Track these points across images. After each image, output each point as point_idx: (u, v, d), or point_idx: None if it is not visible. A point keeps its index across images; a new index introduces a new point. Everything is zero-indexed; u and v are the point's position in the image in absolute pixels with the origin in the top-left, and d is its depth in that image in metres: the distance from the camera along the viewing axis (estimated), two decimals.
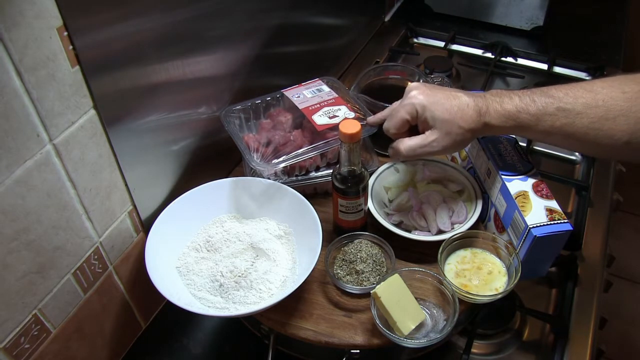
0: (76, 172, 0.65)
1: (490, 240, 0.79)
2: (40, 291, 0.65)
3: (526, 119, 0.72)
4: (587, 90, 0.70)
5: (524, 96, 0.72)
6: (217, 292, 0.74)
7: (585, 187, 1.04)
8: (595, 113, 0.69)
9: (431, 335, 0.71)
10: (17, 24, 0.53)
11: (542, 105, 0.71)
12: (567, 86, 0.72)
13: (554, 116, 0.70)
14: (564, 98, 0.70)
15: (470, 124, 0.73)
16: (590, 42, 1.44)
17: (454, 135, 0.74)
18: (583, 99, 0.70)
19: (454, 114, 0.73)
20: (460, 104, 0.73)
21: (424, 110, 0.74)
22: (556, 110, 0.70)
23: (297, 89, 0.93)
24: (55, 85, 0.59)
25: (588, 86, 0.71)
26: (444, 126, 0.73)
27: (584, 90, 0.70)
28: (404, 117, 0.76)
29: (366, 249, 0.79)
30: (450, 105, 0.73)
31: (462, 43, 1.45)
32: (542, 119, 0.71)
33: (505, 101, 0.73)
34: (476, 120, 0.73)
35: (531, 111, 0.71)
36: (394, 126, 0.78)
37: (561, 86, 0.72)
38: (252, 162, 0.82)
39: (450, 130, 0.73)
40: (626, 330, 1.80)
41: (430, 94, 0.75)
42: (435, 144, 0.74)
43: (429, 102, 0.74)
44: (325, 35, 1.22)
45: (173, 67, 0.77)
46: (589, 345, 0.82)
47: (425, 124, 0.76)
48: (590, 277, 0.92)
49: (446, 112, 0.73)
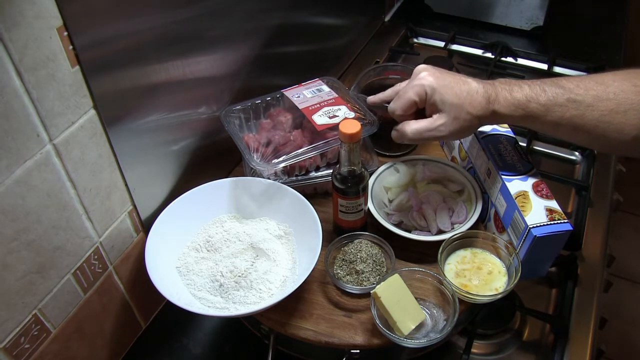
0: (76, 172, 0.65)
1: (490, 240, 0.79)
2: (40, 291, 0.65)
3: (535, 109, 0.71)
4: (598, 83, 0.69)
5: (534, 86, 0.72)
6: (217, 292, 0.74)
7: (585, 187, 1.04)
8: (606, 106, 0.68)
9: (431, 335, 0.71)
10: (17, 24, 0.53)
11: (552, 96, 0.70)
12: (578, 78, 0.71)
13: (564, 107, 0.70)
14: (574, 89, 0.70)
15: (478, 110, 0.72)
16: (590, 42, 1.44)
17: (462, 120, 0.73)
18: (594, 91, 0.69)
19: (463, 99, 0.72)
20: (470, 89, 0.72)
21: (433, 93, 0.73)
22: (566, 101, 0.69)
23: (297, 89, 0.93)
24: (55, 85, 0.59)
25: (599, 79, 0.70)
26: (453, 110, 0.72)
27: (595, 82, 0.70)
28: (413, 98, 0.75)
29: (366, 249, 0.79)
30: (460, 89, 0.72)
31: (462, 43, 1.45)
32: (552, 110, 0.70)
33: (515, 89, 0.72)
34: (485, 107, 0.72)
35: (541, 101, 0.70)
36: (401, 107, 0.76)
37: (572, 78, 0.72)
38: (252, 162, 0.82)
39: (459, 115, 0.72)
40: (626, 330, 1.80)
41: (440, 77, 0.74)
42: (443, 128, 0.73)
43: (438, 84, 0.73)
44: (325, 35, 1.22)
45: (173, 67, 0.77)
46: (589, 345, 0.82)
47: (433, 107, 0.74)
48: (590, 277, 0.92)
49: (455, 97, 0.72)
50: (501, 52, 1.38)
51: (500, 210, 0.81)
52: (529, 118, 0.72)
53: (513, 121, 0.74)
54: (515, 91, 0.72)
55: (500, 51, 1.38)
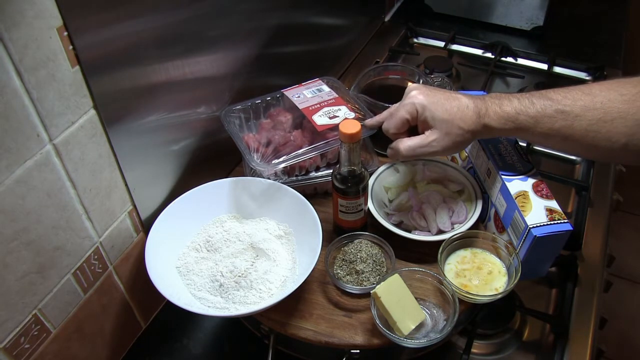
0: (76, 172, 0.65)
1: (490, 240, 0.79)
2: (40, 291, 0.65)
3: (525, 121, 0.72)
4: (586, 93, 0.71)
5: (523, 99, 0.73)
6: (217, 292, 0.74)
7: (585, 187, 1.04)
8: (593, 115, 0.69)
9: (431, 335, 0.71)
10: (17, 24, 0.53)
11: (540, 108, 0.72)
12: (565, 89, 0.73)
13: (553, 118, 0.71)
14: (562, 100, 0.71)
15: (469, 125, 0.73)
16: (590, 42, 1.45)
17: (454, 135, 0.74)
18: (581, 101, 0.70)
19: (454, 115, 0.73)
20: (460, 105, 0.74)
21: (424, 110, 0.75)
22: (555, 113, 0.71)
23: (297, 89, 0.93)
24: (55, 85, 0.59)
25: (586, 89, 0.71)
26: (444, 126, 0.74)
27: (582, 93, 0.71)
28: (404, 117, 0.76)
29: (366, 249, 0.79)
30: (450, 106, 0.74)
31: (462, 43, 1.45)
32: (541, 121, 0.72)
33: (504, 103, 0.73)
34: (475, 121, 0.73)
35: (530, 113, 0.72)
36: (394, 126, 0.78)
37: (559, 89, 0.73)
38: (252, 162, 0.82)
39: (450, 130, 0.74)
40: (626, 330, 1.80)
41: (430, 94, 0.76)
42: (435, 143, 0.75)
43: (429, 102, 0.75)
44: (325, 35, 1.22)
45: (173, 67, 0.77)
46: (589, 345, 0.82)
47: (425, 124, 0.76)
48: (590, 277, 0.92)
49: (446, 113, 0.74)
50: (501, 52, 1.38)
51: (500, 210, 0.81)
52: (519, 130, 0.73)
53: (504, 134, 0.76)
54: (505, 105, 0.73)
55: (500, 51, 1.38)
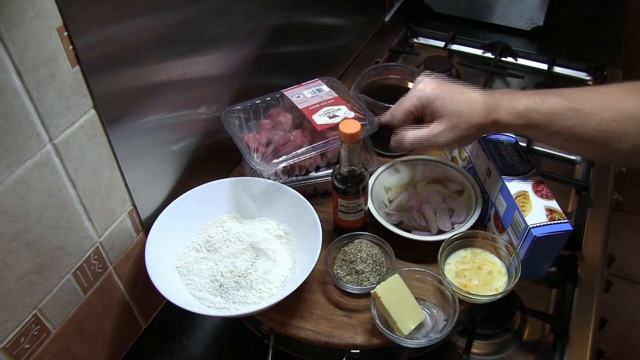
0: (76, 172, 0.65)
1: (490, 240, 0.79)
2: (40, 291, 0.65)
3: (536, 118, 0.71)
4: (598, 93, 0.71)
5: (533, 96, 0.72)
6: (217, 292, 0.74)
7: (585, 187, 1.04)
8: (604, 115, 0.69)
9: (431, 335, 0.71)
10: (17, 24, 0.53)
11: (552, 105, 0.71)
12: (580, 89, 0.72)
13: (564, 116, 0.70)
14: (574, 99, 0.71)
15: (477, 119, 0.72)
16: (590, 42, 1.44)
17: (460, 129, 0.73)
18: (594, 101, 0.70)
19: (462, 108, 0.72)
20: (469, 99, 0.73)
21: (431, 102, 0.74)
22: (566, 110, 0.70)
23: (297, 89, 0.93)
24: (55, 85, 0.59)
25: (601, 90, 0.72)
26: (451, 119, 0.73)
27: (595, 92, 0.71)
28: (411, 106, 0.76)
29: (366, 249, 0.79)
30: (458, 98, 0.73)
31: (462, 43, 1.45)
32: (552, 119, 0.71)
33: (514, 99, 0.72)
34: (484, 116, 0.72)
35: (541, 110, 0.71)
36: (400, 114, 0.77)
37: (574, 88, 0.73)
38: (252, 162, 0.82)
39: (457, 124, 0.73)
40: (626, 330, 1.80)
41: (439, 86, 0.75)
42: (441, 136, 0.74)
43: (436, 93, 0.74)
44: (325, 35, 1.22)
45: (173, 67, 0.77)
46: (589, 345, 0.82)
47: (431, 116, 0.75)
48: (590, 277, 0.92)
49: (453, 105, 0.73)
50: (501, 52, 1.38)
51: (500, 210, 0.81)
52: (529, 127, 0.72)
53: (513, 130, 0.75)
54: (515, 101, 0.72)
55: (500, 51, 1.38)
